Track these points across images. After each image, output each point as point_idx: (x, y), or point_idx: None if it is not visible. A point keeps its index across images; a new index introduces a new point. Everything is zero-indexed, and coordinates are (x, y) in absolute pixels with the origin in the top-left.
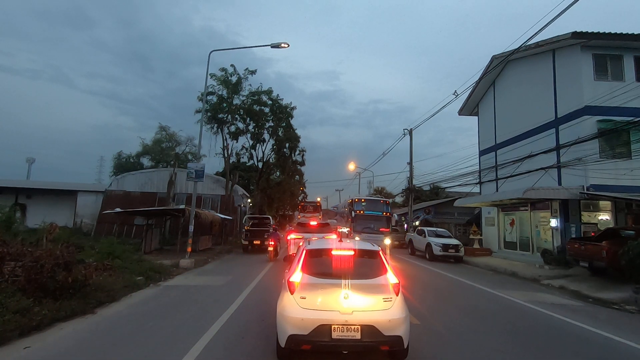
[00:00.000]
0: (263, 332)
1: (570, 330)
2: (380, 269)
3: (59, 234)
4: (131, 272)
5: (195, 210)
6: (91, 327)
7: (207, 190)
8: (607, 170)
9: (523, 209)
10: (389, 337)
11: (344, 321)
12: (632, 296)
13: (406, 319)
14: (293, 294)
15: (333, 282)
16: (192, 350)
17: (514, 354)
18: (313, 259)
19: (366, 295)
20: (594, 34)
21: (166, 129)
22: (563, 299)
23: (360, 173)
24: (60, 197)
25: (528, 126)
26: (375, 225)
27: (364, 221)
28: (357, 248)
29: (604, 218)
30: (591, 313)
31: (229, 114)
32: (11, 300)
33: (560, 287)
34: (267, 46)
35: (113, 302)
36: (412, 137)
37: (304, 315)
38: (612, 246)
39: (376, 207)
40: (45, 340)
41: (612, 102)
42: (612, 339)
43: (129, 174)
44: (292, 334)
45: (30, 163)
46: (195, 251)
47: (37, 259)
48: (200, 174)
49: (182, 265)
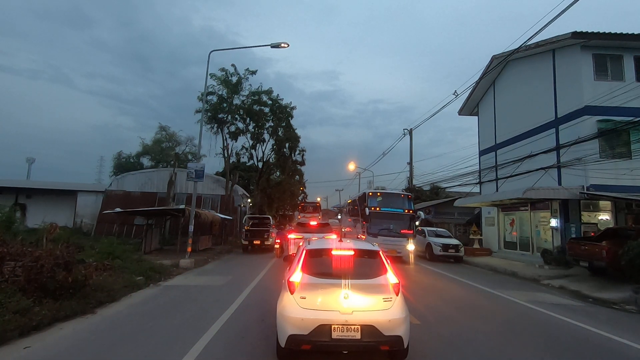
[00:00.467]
0: (263, 332)
1: (570, 330)
2: (380, 269)
3: (59, 234)
4: (131, 272)
5: (195, 210)
6: (91, 327)
7: (207, 190)
8: (607, 170)
9: (523, 209)
10: (389, 337)
11: (344, 321)
12: (632, 296)
13: (406, 319)
14: (293, 294)
15: (333, 282)
16: (192, 350)
17: (514, 353)
18: (313, 259)
19: (366, 295)
20: (594, 34)
21: (166, 129)
22: (563, 299)
23: (360, 173)
24: (60, 197)
25: (528, 126)
26: (396, 226)
27: (381, 221)
28: (357, 248)
29: (604, 218)
30: (591, 313)
31: (229, 114)
32: (11, 300)
33: (560, 287)
34: (267, 46)
35: (113, 302)
36: (412, 137)
37: (304, 315)
38: (612, 246)
39: (396, 203)
40: (45, 340)
41: (612, 102)
42: (612, 339)
43: (129, 174)
44: (292, 334)
45: (30, 163)
46: (195, 251)
47: (37, 259)
48: (200, 174)
49: (182, 265)
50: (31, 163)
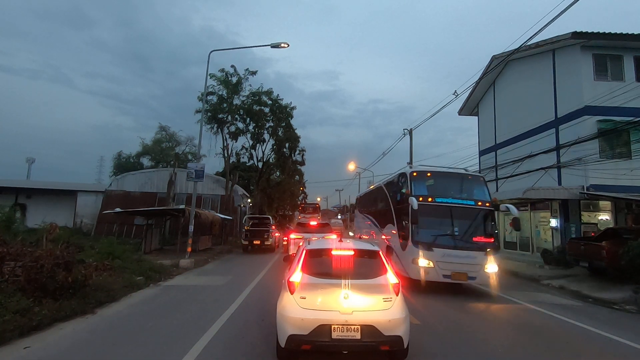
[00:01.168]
0: (263, 332)
1: (571, 330)
2: (380, 269)
3: (59, 234)
4: (131, 272)
5: (195, 210)
6: (91, 327)
7: (207, 190)
8: (607, 170)
9: (523, 209)
10: (389, 337)
11: (344, 321)
12: (632, 296)
13: (406, 319)
14: (293, 294)
15: (333, 282)
16: (192, 350)
17: (514, 353)
18: (313, 259)
19: (366, 295)
20: (594, 34)
21: (166, 129)
22: (563, 299)
23: (360, 173)
24: (60, 197)
25: (528, 126)
26: (464, 231)
27: (438, 221)
28: (357, 248)
29: (604, 218)
30: (591, 313)
31: (229, 114)
32: (11, 300)
33: (560, 287)
34: (267, 46)
35: (113, 302)
36: (412, 137)
37: (304, 315)
38: (612, 246)
39: (462, 190)
40: (45, 340)
41: (612, 102)
42: (612, 339)
43: (129, 174)
44: (292, 334)
45: (31, 163)
46: (195, 251)
47: (37, 259)
48: (200, 174)
49: (182, 265)
50: (31, 163)
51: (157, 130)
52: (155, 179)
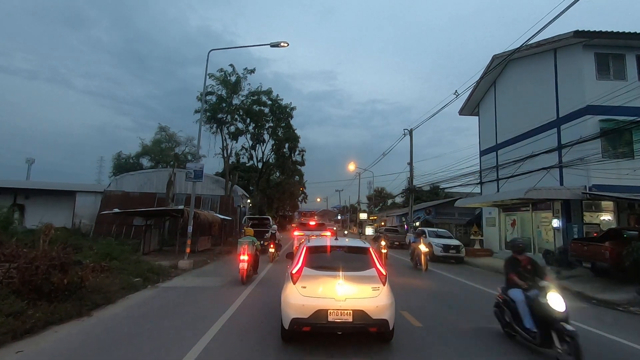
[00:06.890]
0: (262, 333)
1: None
2: (370, 263)
3: (57, 234)
4: (129, 274)
5: (195, 211)
6: (86, 329)
7: (206, 190)
8: (610, 170)
9: (524, 210)
10: (377, 320)
11: (338, 307)
12: (636, 297)
13: (392, 305)
14: (295, 283)
15: (329, 274)
16: (191, 352)
17: (515, 354)
18: (312, 254)
19: (357, 285)
20: (596, 33)
21: (165, 129)
22: (567, 301)
23: (360, 173)
24: (59, 198)
25: (529, 126)
26: None
27: None
28: (350, 245)
29: (607, 218)
30: (596, 315)
31: (228, 114)
32: (4, 302)
33: (563, 288)
34: (266, 45)
35: (109, 304)
36: (412, 137)
37: (304, 301)
38: (615, 247)
39: None
40: (38, 344)
41: (615, 101)
42: (619, 342)
43: (128, 175)
44: (294, 318)
45: (30, 164)
46: (194, 252)
47: (31, 260)
48: (199, 174)
49: (180, 266)
50: (31, 164)
51: (156, 131)
52: (155, 179)
